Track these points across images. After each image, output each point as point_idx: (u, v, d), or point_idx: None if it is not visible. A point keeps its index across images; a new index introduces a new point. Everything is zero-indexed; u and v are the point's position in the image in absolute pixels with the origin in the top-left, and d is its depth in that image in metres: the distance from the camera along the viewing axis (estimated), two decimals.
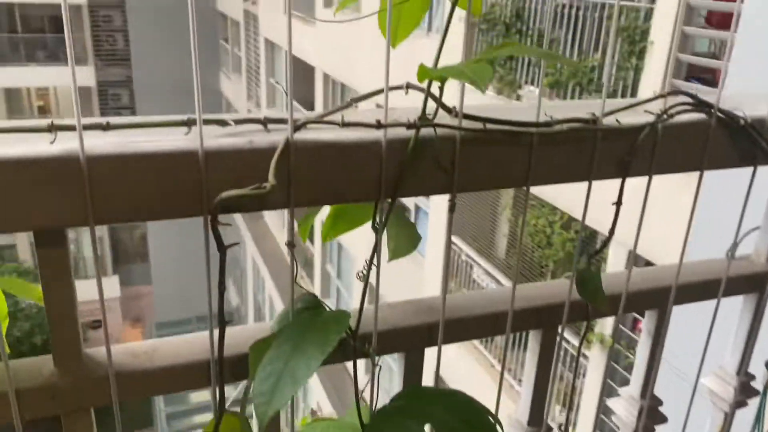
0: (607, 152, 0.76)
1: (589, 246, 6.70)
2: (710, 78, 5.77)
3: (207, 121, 0.62)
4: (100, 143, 0.58)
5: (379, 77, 0.66)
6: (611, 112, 0.75)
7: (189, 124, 0.61)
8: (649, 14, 5.89)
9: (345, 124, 0.65)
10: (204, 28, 19.70)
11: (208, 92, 20.58)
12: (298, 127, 0.64)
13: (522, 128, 0.70)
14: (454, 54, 7.68)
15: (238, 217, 16.30)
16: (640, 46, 6.03)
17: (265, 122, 0.66)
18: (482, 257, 8.64)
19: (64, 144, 0.56)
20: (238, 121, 0.65)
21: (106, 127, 0.59)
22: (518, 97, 7.70)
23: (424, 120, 0.66)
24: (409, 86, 0.69)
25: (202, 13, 19.57)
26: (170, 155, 0.59)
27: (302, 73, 13.04)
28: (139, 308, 20.48)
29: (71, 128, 0.56)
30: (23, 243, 18.41)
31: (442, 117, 0.69)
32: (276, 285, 14.29)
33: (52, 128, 0.56)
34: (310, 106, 13.38)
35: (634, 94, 6.09)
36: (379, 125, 0.65)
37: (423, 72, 0.60)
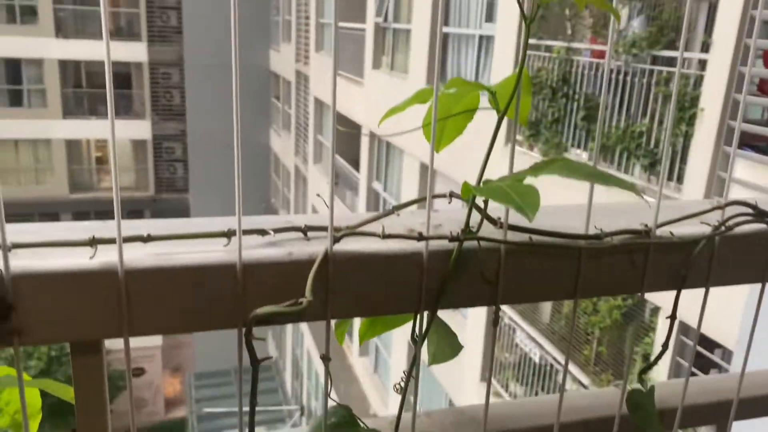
0: (660, 264, 0.72)
1: (638, 316, 6.47)
2: (764, 146, 5.63)
3: (246, 231, 0.62)
4: (139, 255, 0.57)
5: (423, 136, 0.64)
6: (665, 224, 0.72)
7: (229, 235, 0.61)
8: (698, 81, 5.83)
9: (386, 236, 0.63)
10: (257, 87, 20.46)
11: (257, 147, 21.19)
12: (338, 238, 0.63)
13: (570, 241, 0.67)
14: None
15: None
16: (689, 113, 5.95)
17: (305, 230, 0.65)
18: (525, 321, 8.44)
19: (104, 257, 0.56)
20: (277, 230, 0.64)
21: (147, 240, 0.58)
22: None
23: (467, 233, 0.64)
24: (452, 195, 0.67)
25: (255, 72, 20.38)
26: (208, 268, 0.59)
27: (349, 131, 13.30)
28: (180, 357, 20.63)
29: (111, 241, 0.56)
30: None
31: (487, 226, 0.67)
32: (314, 340, 14.22)
33: (93, 242, 0.56)
34: (355, 164, 13.58)
35: (683, 160, 5.98)
36: (420, 237, 0.63)
37: (467, 189, 0.58)
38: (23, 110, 20.42)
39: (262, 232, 0.63)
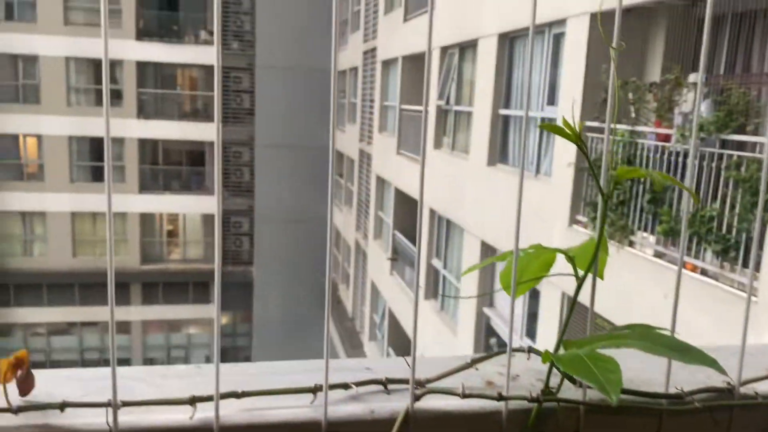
0: (744, 422, 0.70)
1: None
2: None
3: (331, 386, 0.65)
4: (232, 412, 0.61)
5: (483, 215, 0.66)
6: (748, 381, 0.70)
7: (315, 391, 0.64)
8: None
9: (466, 396, 0.65)
10: (322, 165, 21.17)
11: (319, 222, 21.68)
12: (418, 396, 0.65)
13: (651, 400, 0.67)
14: (563, 195, 7.66)
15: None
16: (766, 197, 5.75)
17: (385, 383, 0.67)
18: None
19: (201, 414, 0.60)
20: (359, 383, 0.66)
21: (240, 396, 0.62)
22: (630, 243, 7.46)
23: (547, 393, 0.65)
24: (531, 350, 0.69)
25: (321, 151, 21.12)
26: (296, 426, 0.61)
27: (409, 208, 13.48)
28: None
29: (209, 399, 0.60)
30: None
31: (566, 383, 0.68)
32: None
33: (192, 401, 0.60)
34: (413, 240, 13.66)
35: (760, 247, 5.74)
36: (500, 398, 0.64)
37: (547, 356, 0.60)
38: (103, 185, 21.67)
39: (346, 386, 0.66)
